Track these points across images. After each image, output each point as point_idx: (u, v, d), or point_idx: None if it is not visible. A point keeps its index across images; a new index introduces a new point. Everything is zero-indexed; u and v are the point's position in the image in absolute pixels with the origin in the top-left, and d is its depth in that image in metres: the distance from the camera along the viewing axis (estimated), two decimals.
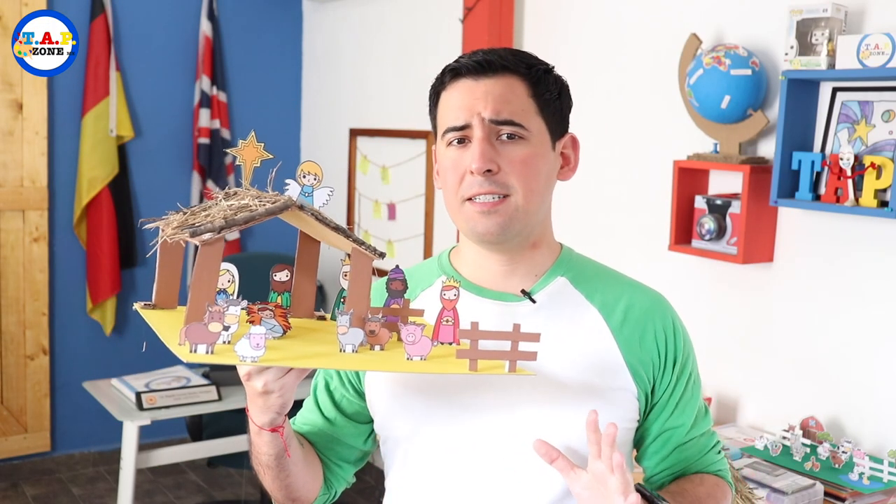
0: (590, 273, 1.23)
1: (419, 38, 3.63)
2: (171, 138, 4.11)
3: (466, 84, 1.15)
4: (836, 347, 2.18)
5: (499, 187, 1.12)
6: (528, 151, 1.14)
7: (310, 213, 0.99)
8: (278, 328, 1.01)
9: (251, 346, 0.89)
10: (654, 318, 1.21)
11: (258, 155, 1.04)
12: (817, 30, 2.06)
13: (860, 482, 1.93)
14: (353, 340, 0.98)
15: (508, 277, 1.20)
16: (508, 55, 1.16)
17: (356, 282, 1.03)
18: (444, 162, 1.17)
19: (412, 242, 3.73)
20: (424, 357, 0.97)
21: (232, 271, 1.04)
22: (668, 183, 2.49)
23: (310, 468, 1.23)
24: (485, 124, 1.12)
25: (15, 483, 3.76)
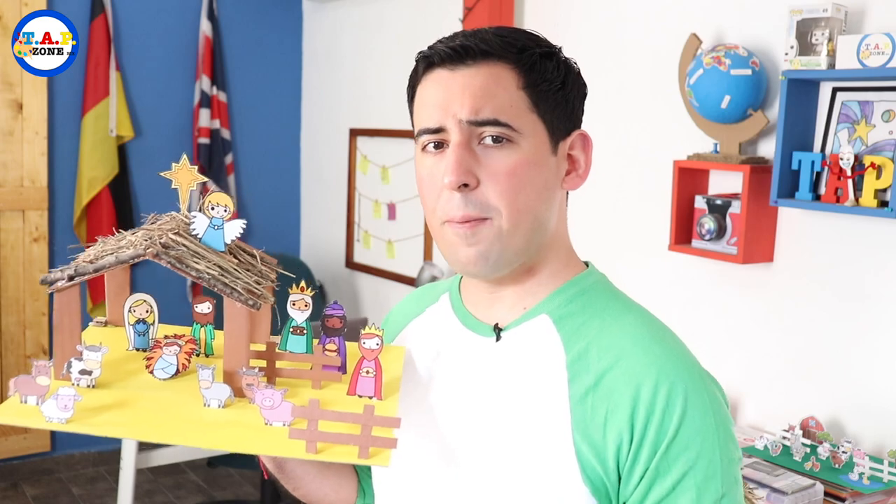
0: (590, 312, 0.97)
1: (419, 38, 3.63)
2: (171, 138, 4.11)
3: (441, 76, 0.94)
4: (836, 347, 2.18)
5: (477, 208, 0.91)
6: (516, 159, 0.92)
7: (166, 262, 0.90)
8: (171, 368, 0.95)
9: (58, 407, 0.84)
10: (638, 386, 0.88)
11: (193, 178, 0.98)
12: (817, 30, 2.06)
13: (860, 482, 1.93)
14: (217, 396, 0.90)
15: (493, 305, 1.01)
16: (493, 38, 0.94)
17: (231, 333, 0.92)
18: (420, 171, 0.97)
19: (412, 242, 3.73)
20: (288, 423, 0.86)
21: (149, 301, 1.00)
22: (668, 183, 2.49)
23: (330, 479, 1.15)
24: (462, 126, 0.91)
25: (15, 483, 3.76)
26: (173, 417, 0.89)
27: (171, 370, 0.95)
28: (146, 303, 1.00)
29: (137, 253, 0.90)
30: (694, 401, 0.88)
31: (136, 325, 1.00)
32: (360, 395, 0.94)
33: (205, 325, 1.03)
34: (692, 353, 0.95)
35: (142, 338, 1.00)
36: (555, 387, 0.93)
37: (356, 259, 4.13)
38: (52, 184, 3.84)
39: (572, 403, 0.91)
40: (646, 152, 2.65)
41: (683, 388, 0.88)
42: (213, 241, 0.94)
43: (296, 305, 0.97)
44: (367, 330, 0.93)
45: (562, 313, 0.97)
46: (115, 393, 0.91)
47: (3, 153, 3.70)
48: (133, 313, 1.00)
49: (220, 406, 0.90)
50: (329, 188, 4.32)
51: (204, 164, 4.08)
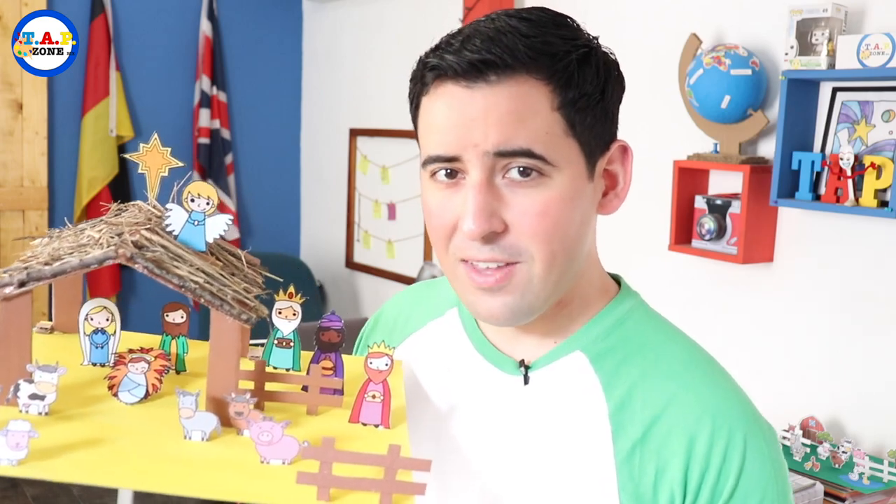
0: (631, 348, 0.84)
1: (419, 38, 3.62)
2: (171, 138, 4.11)
3: (455, 94, 0.76)
4: (836, 347, 2.18)
5: (505, 253, 0.77)
6: (549, 196, 0.76)
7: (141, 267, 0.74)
8: (139, 390, 0.78)
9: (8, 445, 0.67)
10: (692, 439, 0.77)
11: (164, 162, 0.83)
12: (817, 30, 2.06)
13: (860, 482, 1.93)
14: (201, 427, 0.74)
15: (519, 339, 0.86)
16: (520, 42, 0.74)
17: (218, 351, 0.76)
18: (428, 201, 0.82)
19: (412, 242, 3.73)
20: (289, 461, 0.72)
21: (110, 308, 0.84)
22: (668, 183, 2.49)
23: None
24: (485, 159, 0.75)
25: (15, 483, 3.76)
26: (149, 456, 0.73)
27: (140, 392, 0.79)
28: (107, 309, 0.84)
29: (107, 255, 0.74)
30: (753, 452, 0.78)
31: (94, 335, 0.84)
32: (365, 424, 0.79)
33: (177, 336, 0.87)
34: (743, 390, 0.84)
35: (100, 350, 0.84)
36: (597, 442, 0.80)
37: (356, 259, 4.13)
38: (52, 184, 3.84)
39: (618, 462, 0.79)
40: (646, 152, 2.65)
41: (742, 439, 0.78)
42: (193, 239, 0.78)
43: (282, 314, 0.81)
44: (376, 349, 0.78)
45: (599, 350, 0.84)
46: (74, 423, 0.74)
47: (3, 153, 3.70)
48: (90, 322, 0.83)
49: (205, 439, 0.74)
50: (329, 188, 4.32)
51: (204, 164, 4.08)
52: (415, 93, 0.84)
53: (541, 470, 0.81)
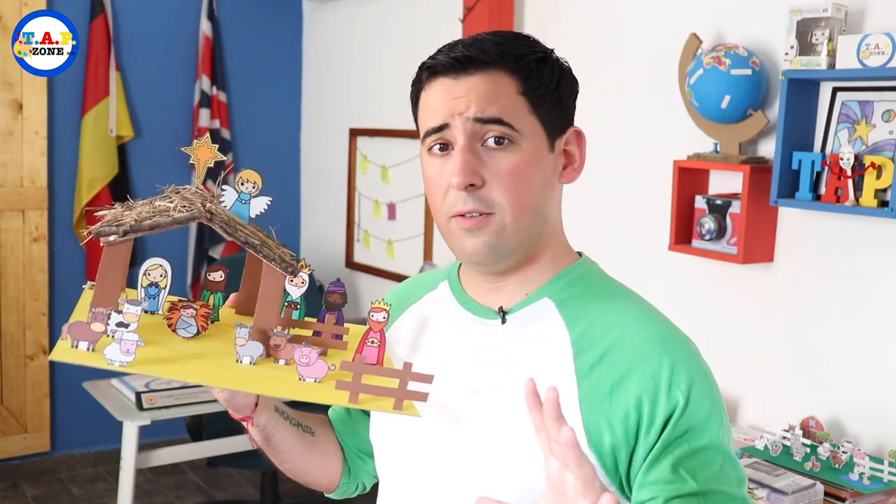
0: (589, 296, 1.04)
1: (419, 38, 3.63)
2: (171, 138, 4.11)
3: (444, 83, 1.01)
4: (837, 347, 2.18)
5: (482, 204, 0.98)
6: (517, 159, 0.99)
7: (218, 226, 0.96)
8: (193, 328, 1.00)
9: (121, 350, 0.89)
10: (644, 361, 0.96)
11: (212, 155, 1.03)
12: (817, 30, 2.06)
13: (860, 482, 1.93)
14: (251, 353, 0.96)
15: (496, 293, 1.07)
16: (492, 47, 1.00)
17: (265, 297, 0.99)
18: (426, 171, 1.04)
19: (412, 242, 3.73)
20: (319, 380, 0.94)
21: (165, 266, 1.03)
22: (668, 183, 2.49)
23: (315, 456, 1.20)
24: (467, 125, 0.98)
25: (15, 483, 3.76)
26: (215, 366, 0.95)
27: (193, 330, 1.00)
28: (161, 267, 1.02)
29: (192, 215, 0.95)
30: (696, 373, 0.97)
31: (149, 288, 1.02)
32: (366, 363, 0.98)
33: (215, 292, 1.08)
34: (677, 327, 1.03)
35: (152, 301, 1.03)
36: (561, 362, 0.99)
37: (356, 259, 4.13)
38: (52, 184, 3.84)
39: (579, 377, 0.98)
40: (646, 152, 2.65)
41: (686, 361, 0.97)
42: (241, 213, 1.00)
43: (293, 282, 1.03)
44: (377, 304, 0.99)
45: (563, 297, 1.04)
46: (155, 347, 0.94)
47: (3, 153, 3.70)
48: (147, 276, 1.02)
49: (252, 363, 0.96)
50: (329, 188, 4.32)
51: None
52: (415, 92, 1.07)
53: (513, 387, 0.97)
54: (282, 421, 1.14)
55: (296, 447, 1.16)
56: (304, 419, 1.20)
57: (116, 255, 0.96)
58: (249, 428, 1.12)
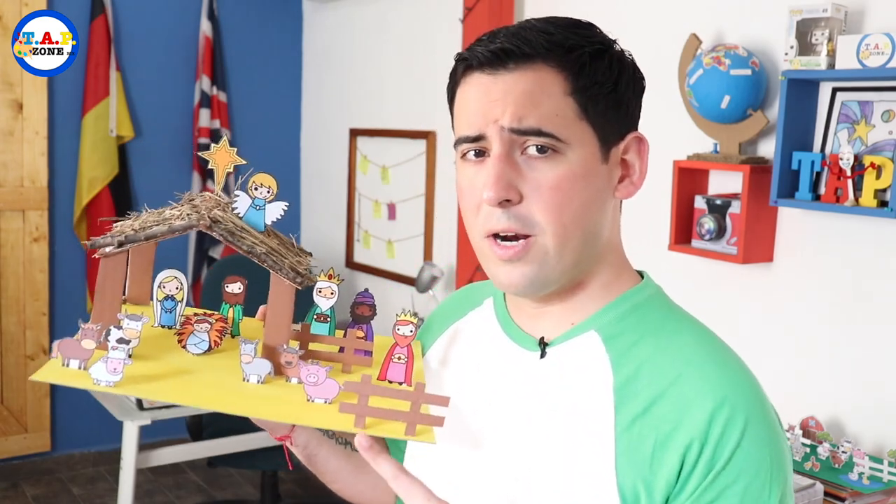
0: (642, 331, 0.90)
1: (419, 38, 3.63)
2: (171, 138, 4.11)
3: (480, 81, 0.86)
4: (836, 347, 2.18)
5: (519, 223, 0.84)
6: (561, 171, 0.84)
7: (218, 234, 0.90)
8: (204, 344, 0.93)
9: (107, 370, 0.83)
10: (691, 414, 0.81)
11: (231, 160, 0.98)
12: (817, 30, 2.06)
13: (860, 482, 1.93)
14: (258, 371, 0.89)
15: (540, 319, 0.94)
16: (538, 37, 0.85)
17: (275, 309, 0.92)
18: (460, 181, 0.91)
19: (412, 242, 3.74)
20: (330, 401, 0.86)
21: (180, 278, 0.98)
22: (668, 183, 2.49)
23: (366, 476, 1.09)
24: (503, 135, 0.84)
25: (15, 483, 3.77)
26: (217, 388, 0.88)
27: (204, 346, 0.94)
28: (177, 279, 0.98)
29: (190, 223, 0.90)
30: (752, 432, 0.81)
31: (165, 301, 0.98)
32: (391, 381, 0.93)
33: (234, 305, 1.02)
34: (753, 374, 0.88)
35: (168, 315, 0.98)
36: (600, 412, 0.86)
37: (356, 259, 4.13)
38: (52, 184, 3.84)
39: (617, 432, 0.84)
40: None
41: (743, 418, 0.81)
42: (255, 220, 0.94)
43: (322, 293, 0.96)
44: (403, 317, 0.92)
45: (612, 331, 0.90)
46: (152, 364, 0.90)
47: (3, 153, 3.70)
48: (163, 289, 0.98)
49: (260, 382, 0.89)
50: (329, 188, 4.32)
51: (204, 164, 4.09)
52: (451, 87, 0.93)
53: (548, 434, 0.88)
54: (325, 440, 1.05)
55: (343, 467, 1.07)
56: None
57: (114, 268, 0.91)
58: (289, 449, 1.03)
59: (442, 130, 3.47)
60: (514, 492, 0.89)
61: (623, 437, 0.83)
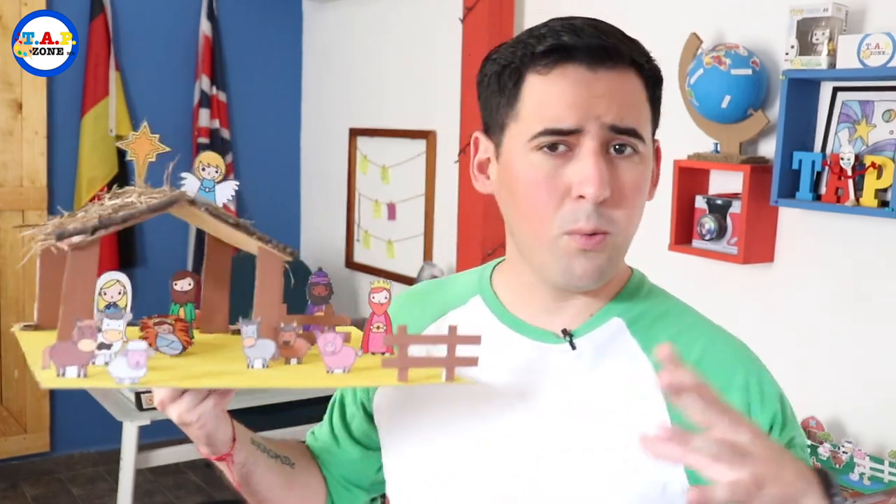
0: (655, 314, 0.96)
1: (419, 38, 3.62)
2: (171, 138, 4.05)
3: (580, 74, 0.85)
4: (837, 347, 2.18)
5: (606, 222, 0.86)
6: (640, 173, 0.88)
7: (203, 209, 0.84)
8: (177, 344, 0.85)
9: (129, 365, 0.74)
10: (731, 379, 0.90)
11: (152, 148, 0.90)
12: (818, 29, 2.06)
13: (861, 482, 1.93)
14: (262, 354, 0.83)
15: (555, 313, 0.95)
16: (625, 41, 0.89)
17: (265, 285, 0.87)
18: (528, 172, 0.87)
19: (412, 242, 3.73)
20: (347, 369, 0.83)
21: (123, 281, 0.87)
22: (668, 183, 2.49)
23: (297, 490, 1.07)
24: (603, 132, 0.85)
25: (15, 483, 3.76)
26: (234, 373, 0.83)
27: (177, 346, 0.86)
28: (119, 283, 0.87)
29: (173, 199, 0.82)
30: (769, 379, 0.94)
31: (107, 309, 0.85)
32: (374, 353, 0.90)
33: (184, 304, 0.93)
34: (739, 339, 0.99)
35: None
36: (647, 389, 0.90)
37: (356, 259, 4.13)
38: (51, 184, 3.84)
39: (669, 406, 0.88)
40: None
41: (761, 370, 0.93)
42: None
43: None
44: (376, 284, 0.91)
45: (632, 315, 0.95)
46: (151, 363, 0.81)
47: (2, 153, 3.70)
48: (104, 296, 0.86)
49: (265, 365, 0.83)
50: (329, 188, 4.32)
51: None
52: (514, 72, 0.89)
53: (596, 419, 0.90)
54: (260, 455, 1.01)
55: (275, 483, 1.03)
56: (283, 449, 1.07)
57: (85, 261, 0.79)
58: (230, 467, 0.98)
59: (442, 130, 3.46)
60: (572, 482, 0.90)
61: (674, 410, 0.84)
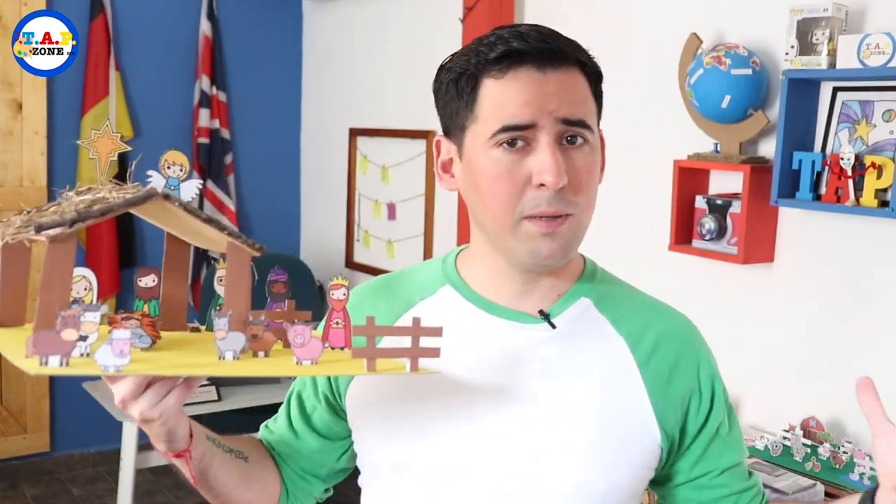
0: (615, 294, 1.07)
1: (419, 38, 3.62)
2: (171, 138, 4.11)
3: (531, 75, 0.94)
4: (837, 347, 2.18)
5: (567, 205, 0.95)
6: (591, 159, 0.98)
7: (177, 204, 0.86)
8: (146, 338, 0.86)
9: (114, 353, 0.74)
10: (686, 350, 1.05)
11: (114, 147, 0.92)
12: (818, 29, 2.06)
13: (861, 482, 1.93)
14: (233, 346, 0.85)
15: (526, 296, 1.03)
16: (569, 43, 0.97)
17: (234, 280, 0.89)
18: (489, 167, 0.96)
19: (412, 242, 3.73)
20: (315, 361, 0.87)
21: (89, 277, 0.89)
22: (668, 183, 2.49)
23: (252, 483, 1.10)
24: (556, 125, 0.94)
25: (15, 483, 3.76)
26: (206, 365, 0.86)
27: (147, 340, 0.87)
28: (86, 279, 0.88)
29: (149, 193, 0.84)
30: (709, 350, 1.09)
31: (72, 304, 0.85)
32: (332, 347, 0.94)
33: (149, 300, 0.94)
34: None
35: None
36: (622, 359, 1.02)
37: (356, 259, 4.13)
38: (51, 184, 3.84)
39: (641, 369, 1.02)
40: (646, 152, 2.65)
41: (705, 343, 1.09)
42: None
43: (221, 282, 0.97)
44: (335, 281, 0.96)
45: (597, 295, 1.05)
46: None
47: (2, 153, 3.70)
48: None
49: (235, 357, 0.86)
50: (329, 188, 4.32)
51: (204, 163, 4.08)
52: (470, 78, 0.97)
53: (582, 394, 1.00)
54: (216, 450, 1.04)
55: (231, 477, 1.06)
56: (236, 443, 1.10)
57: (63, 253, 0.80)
58: (188, 464, 1.01)
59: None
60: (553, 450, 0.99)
61: (647, 372, 1.01)
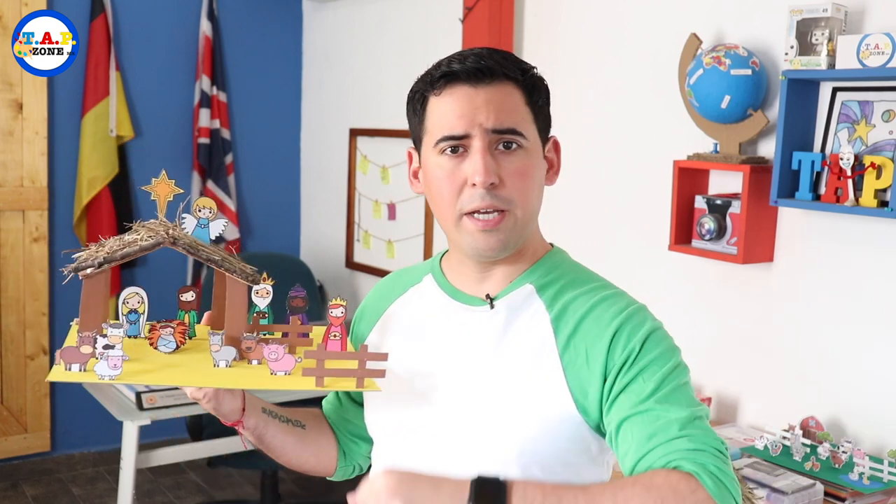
0: (565, 281, 1.18)
1: (419, 38, 3.63)
2: (171, 138, 4.11)
3: (464, 91, 1.11)
4: (837, 347, 2.18)
5: (500, 202, 1.10)
6: (526, 162, 1.12)
7: (182, 248, 1.10)
8: (172, 343, 1.14)
9: (108, 366, 1.02)
10: (606, 326, 1.10)
11: (171, 190, 1.15)
12: (817, 30, 2.06)
13: (860, 482, 1.93)
14: (225, 357, 1.10)
15: (484, 282, 1.19)
16: (503, 60, 1.12)
17: (232, 306, 1.13)
18: (435, 171, 1.14)
19: (412, 242, 3.74)
20: (289, 372, 1.09)
21: (141, 294, 1.17)
22: (668, 183, 2.49)
23: (309, 446, 1.32)
24: (486, 134, 1.10)
25: (15, 483, 3.76)
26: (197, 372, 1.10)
27: (172, 345, 1.14)
28: (138, 295, 1.17)
29: (157, 241, 1.09)
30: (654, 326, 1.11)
31: (129, 314, 1.17)
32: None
33: (189, 311, 1.21)
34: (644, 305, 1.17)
35: (133, 326, 1.17)
36: (544, 339, 1.13)
37: (356, 259, 4.13)
38: (52, 184, 3.84)
39: (560, 349, 1.11)
40: (646, 152, 2.65)
41: (643, 320, 1.11)
42: (202, 237, 1.16)
43: (259, 294, 1.17)
44: (334, 301, 1.15)
45: (542, 282, 1.18)
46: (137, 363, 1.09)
47: (3, 153, 3.70)
48: (126, 304, 1.16)
49: (227, 365, 1.11)
50: (329, 188, 4.32)
51: (204, 164, 4.08)
52: (421, 95, 1.17)
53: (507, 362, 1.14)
54: (271, 420, 1.26)
55: (287, 441, 1.28)
56: (294, 415, 1.32)
57: (96, 286, 1.09)
58: (241, 431, 1.24)
59: None
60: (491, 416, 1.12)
61: (565, 353, 1.11)
